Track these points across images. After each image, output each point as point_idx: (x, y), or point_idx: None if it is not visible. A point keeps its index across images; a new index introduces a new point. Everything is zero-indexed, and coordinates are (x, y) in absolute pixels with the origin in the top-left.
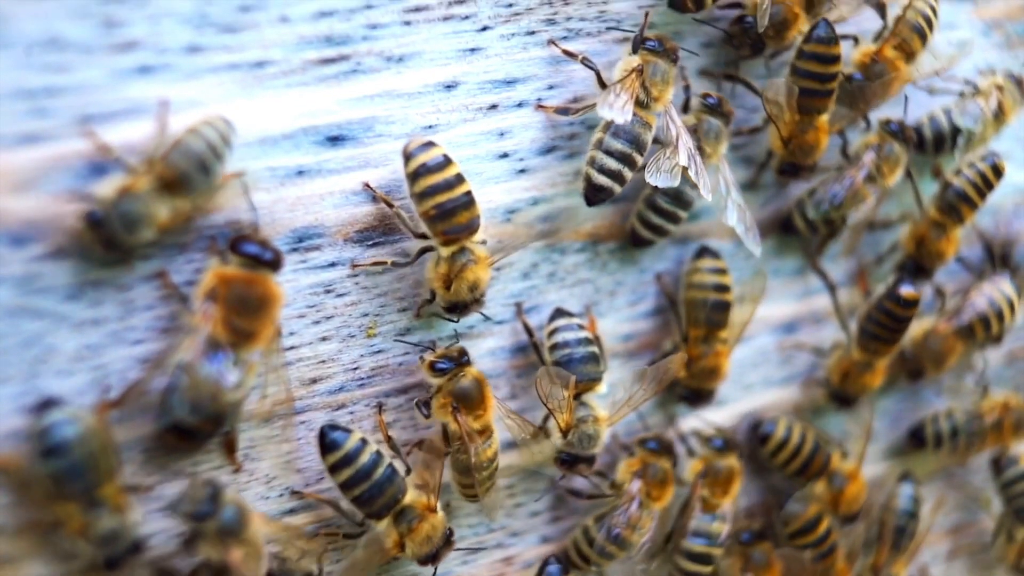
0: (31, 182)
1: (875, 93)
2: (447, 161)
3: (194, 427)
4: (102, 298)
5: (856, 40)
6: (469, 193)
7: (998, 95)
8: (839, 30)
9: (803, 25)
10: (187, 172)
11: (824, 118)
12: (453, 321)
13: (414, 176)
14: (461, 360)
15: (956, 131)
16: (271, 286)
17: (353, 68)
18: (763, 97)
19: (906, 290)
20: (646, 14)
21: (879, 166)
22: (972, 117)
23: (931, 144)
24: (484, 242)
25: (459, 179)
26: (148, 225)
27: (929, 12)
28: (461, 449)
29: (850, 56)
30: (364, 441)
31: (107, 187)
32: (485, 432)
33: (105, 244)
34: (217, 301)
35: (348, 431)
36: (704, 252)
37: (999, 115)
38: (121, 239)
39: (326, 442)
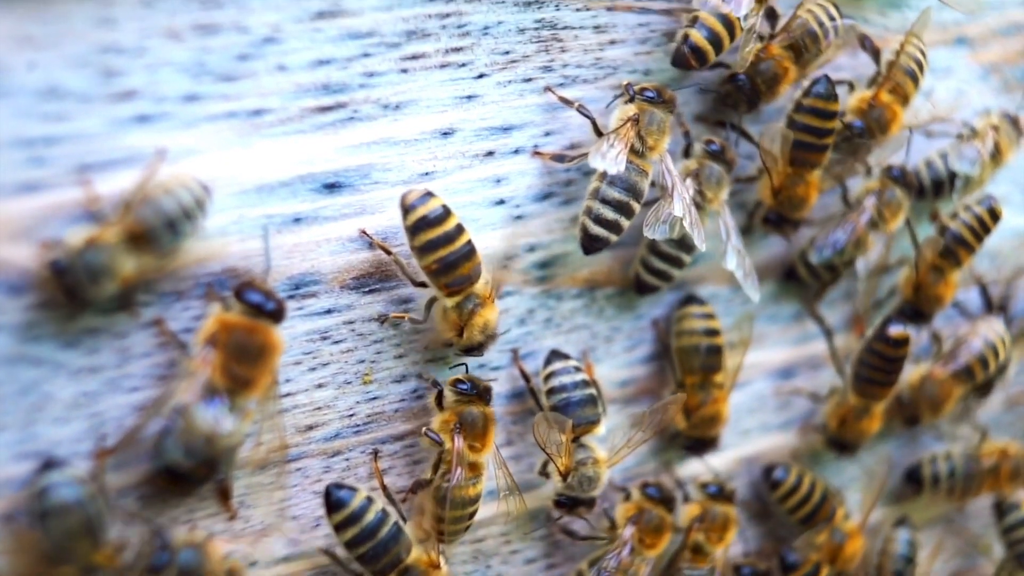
0: (29, 231)
1: (875, 137)
2: (446, 213)
3: (188, 471)
4: (99, 346)
5: (851, 86)
6: (470, 242)
7: (994, 136)
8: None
9: (793, 78)
10: (155, 229)
11: (816, 174)
12: (475, 356)
13: (413, 230)
14: (483, 394)
15: (954, 175)
16: (272, 336)
17: (350, 116)
18: (759, 145)
19: (895, 330)
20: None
21: (881, 211)
22: (969, 161)
23: (930, 190)
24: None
25: (459, 230)
26: (111, 278)
27: (919, 56)
28: (445, 474)
29: (847, 103)
30: (370, 499)
31: (75, 236)
32: (476, 469)
33: (67, 293)
34: (217, 347)
35: (353, 489)
36: (690, 299)
37: (996, 156)
38: (83, 290)
39: (332, 501)
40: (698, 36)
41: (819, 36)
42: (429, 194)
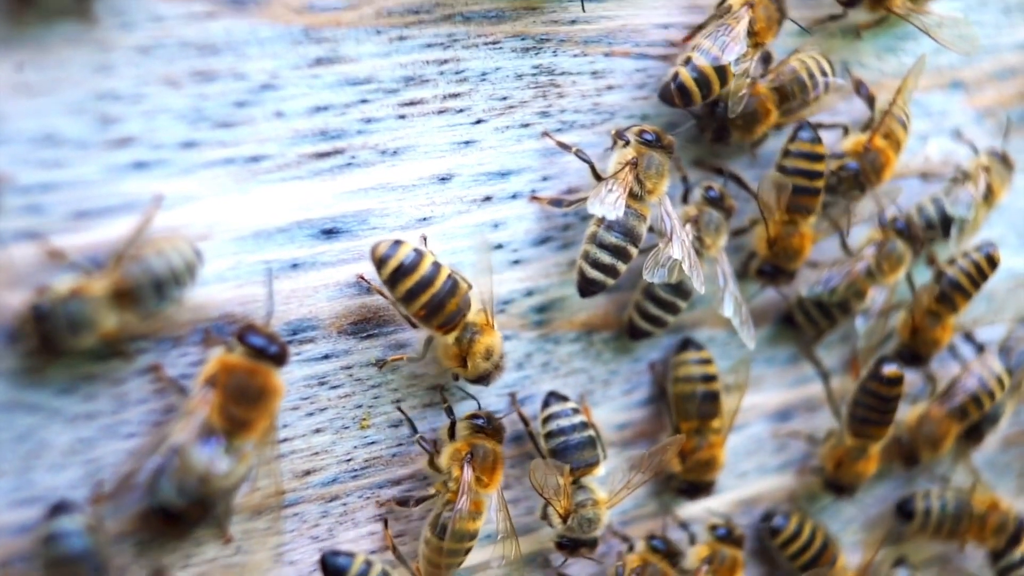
0: (26, 278)
1: (870, 181)
2: (419, 256)
3: (182, 511)
4: (96, 392)
5: (846, 130)
6: (451, 277)
7: (986, 177)
8: (831, 119)
9: (773, 121)
10: (142, 289)
11: (811, 222)
12: (474, 396)
13: (392, 280)
14: (496, 431)
15: (948, 220)
16: (272, 379)
17: (348, 161)
18: (756, 194)
19: (889, 369)
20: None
21: (879, 262)
22: (964, 205)
23: (923, 235)
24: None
25: (436, 269)
26: (91, 331)
27: (905, 117)
28: (448, 503)
29: (842, 146)
30: (368, 563)
31: (62, 283)
32: (478, 505)
33: (44, 340)
34: (216, 387)
35: (351, 555)
36: (687, 344)
37: (989, 196)
38: (61, 338)
39: (330, 570)
40: (686, 75)
41: (807, 87)
42: (398, 242)
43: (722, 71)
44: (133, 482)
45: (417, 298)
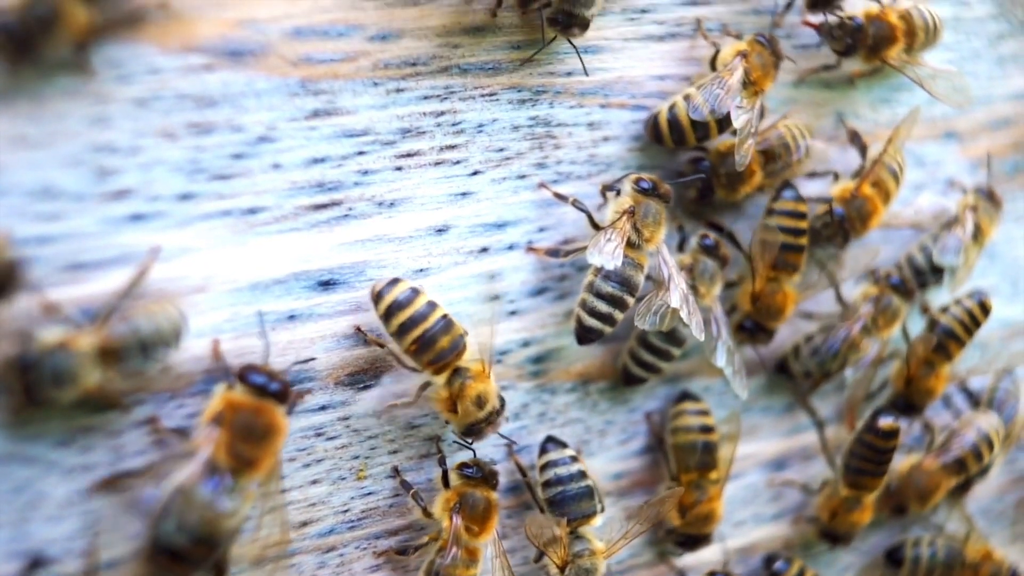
0: (24, 328)
1: (854, 228)
2: (415, 293)
3: (184, 551)
4: (93, 444)
5: (836, 176)
6: (445, 317)
7: (973, 217)
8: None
9: (757, 182)
10: (127, 348)
11: (795, 281)
12: (469, 446)
13: (386, 315)
14: (489, 479)
15: (939, 269)
16: (277, 417)
17: (345, 213)
18: (746, 250)
19: (884, 421)
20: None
21: (876, 319)
22: (952, 251)
23: (914, 284)
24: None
25: (431, 307)
26: (74, 385)
27: (897, 168)
28: (441, 550)
29: (830, 191)
30: None
31: (49, 335)
32: (472, 554)
33: (27, 391)
34: (222, 425)
35: None
36: (685, 396)
37: (978, 236)
38: (44, 390)
39: None
40: (664, 113)
41: (791, 149)
42: (396, 280)
43: (703, 123)
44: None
45: (409, 332)
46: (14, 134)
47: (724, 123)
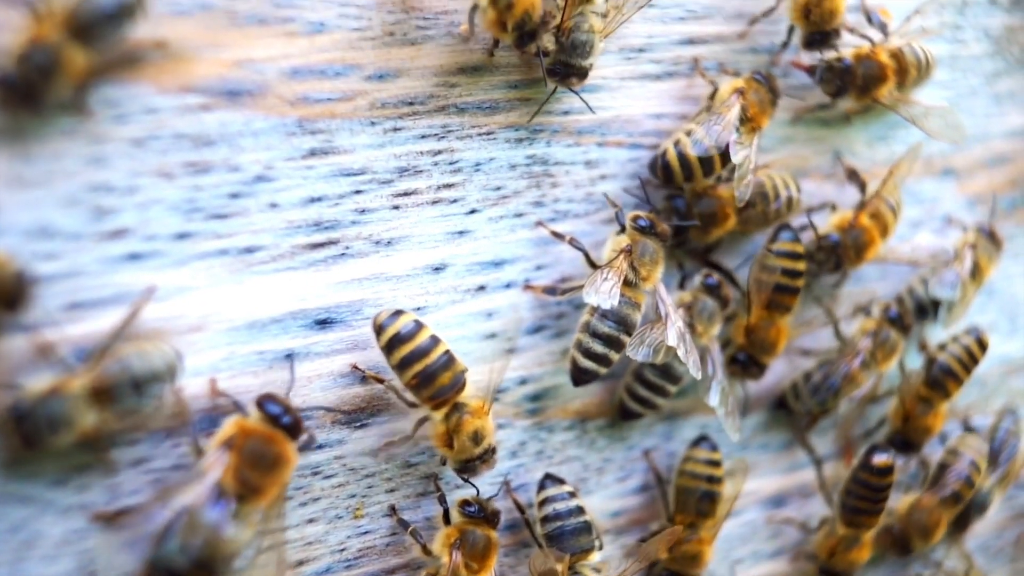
0: (20, 370)
1: (848, 257)
2: (418, 327)
3: (182, 570)
4: (88, 483)
5: (833, 207)
6: (447, 352)
7: (972, 254)
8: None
9: (730, 226)
10: (120, 388)
11: (787, 321)
12: (471, 484)
13: (389, 348)
14: (491, 518)
15: (936, 303)
16: (288, 449)
17: (342, 252)
18: (742, 287)
19: (879, 459)
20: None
21: (874, 353)
22: (949, 285)
23: (914, 318)
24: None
25: (434, 342)
26: (70, 429)
27: (895, 203)
28: None
29: (827, 222)
30: None
31: (39, 382)
32: None
33: (25, 439)
34: (233, 450)
35: None
36: (702, 440)
37: (976, 273)
38: (42, 438)
39: None
40: (671, 151)
41: (769, 199)
42: (399, 312)
43: (708, 159)
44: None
45: (411, 366)
46: (11, 174)
47: (726, 158)
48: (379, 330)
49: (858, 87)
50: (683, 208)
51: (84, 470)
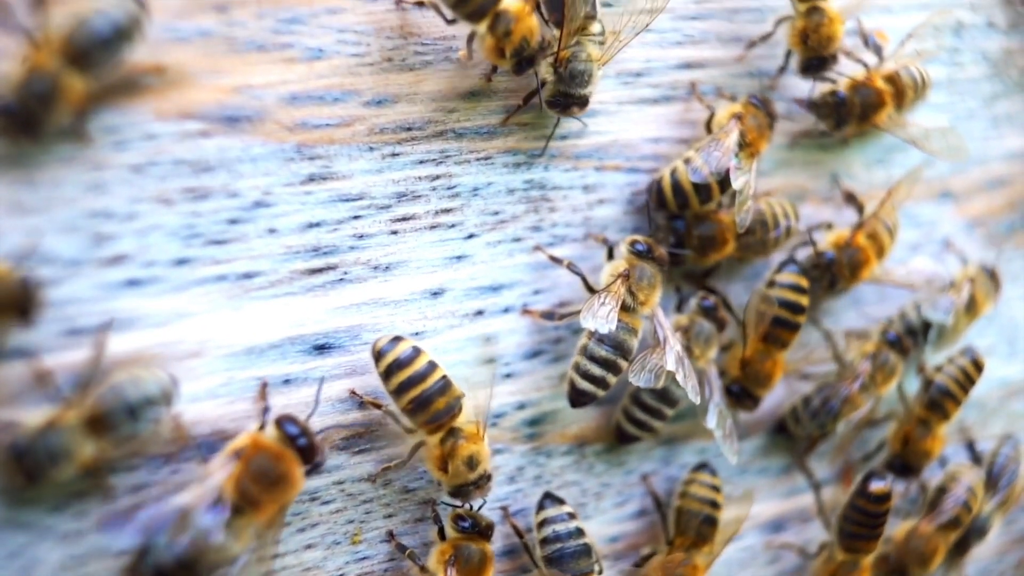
0: (18, 396)
1: (843, 275)
2: (416, 353)
3: (165, 568)
4: (87, 509)
5: (829, 226)
6: (444, 378)
7: (970, 288)
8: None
9: (728, 252)
10: (115, 416)
11: (784, 355)
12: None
13: (387, 373)
14: (484, 531)
15: (928, 325)
16: (295, 470)
17: (340, 277)
18: (739, 316)
19: (876, 486)
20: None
21: (874, 376)
22: (943, 310)
23: (909, 340)
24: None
25: (431, 367)
26: (70, 461)
27: (891, 225)
28: None
29: (824, 240)
30: None
31: (35, 417)
32: None
33: (27, 475)
34: (241, 459)
35: None
36: (704, 466)
37: (972, 307)
38: (43, 472)
39: None
40: (667, 178)
41: (768, 227)
42: (398, 338)
43: (705, 186)
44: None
45: (407, 391)
46: (10, 200)
47: (725, 184)
48: (378, 356)
49: (857, 116)
50: (682, 230)
51: (82, 496)
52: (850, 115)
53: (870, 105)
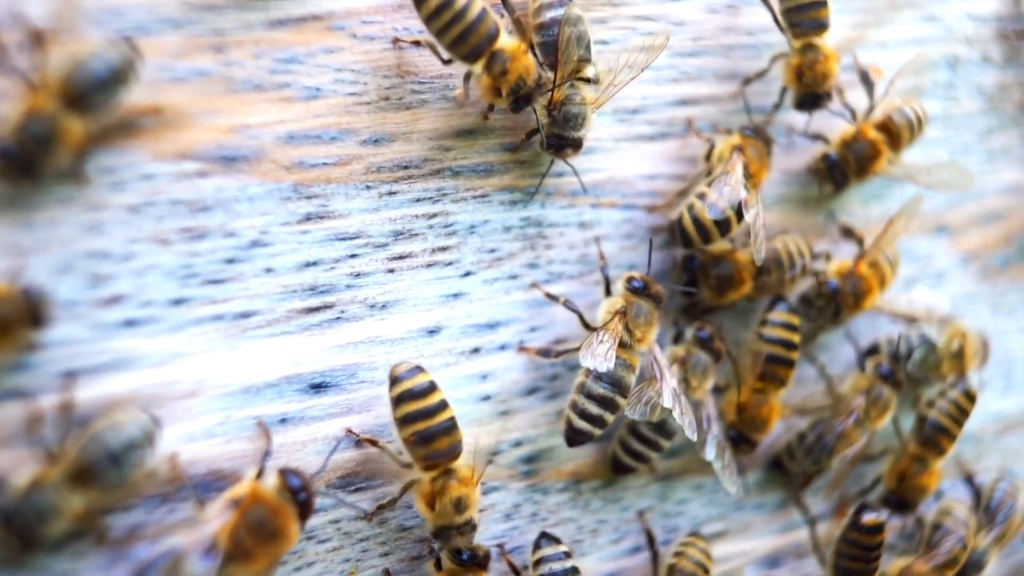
0: (14, 438)
1: (847, 303)
2: (431, 388)
3: None
4: (84, 551)
5: (828, 257)
6: (452, 419)
7: (960, 341)
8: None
9: (745, 291)
10: (98, 466)
11: (781, 394)
12: (445, 543)
13: (397, 401)
14: (482, 561)
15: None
16: (292, 526)
17: (337, 316)
18: (739, 356)
19: (868, 518)
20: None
21: (868, 411)
22: (935, 333)
23: (903, 374)
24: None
25: (442, 405)
26: (60, 517)
27: (892, 256)
28: None
29: (826, 270)
30: None
31: (20, 477)
32: None
33: (20, 539)
34: (239, 509)
35: None
36: (696, 535)
37: (959, 355)
38: (34, 531)
39: None
40: (687, 217)
41: (784, 267)
42: (418, 368)
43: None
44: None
45: (412, 424)
46: (8, 241)
47: (740, 214)
48: (395, 382)
49: (855, 171)
50: (696, 269)
51: (79, 537)
52: (848, 173)
53: (865, 158)
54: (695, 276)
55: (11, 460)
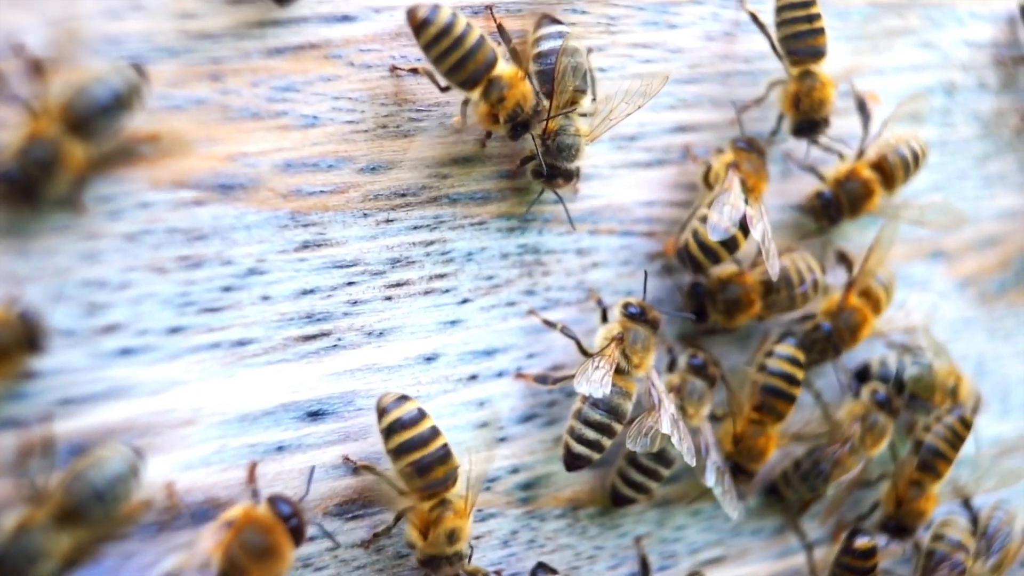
0: (9, 467)
1: (844, 340)
2: (421, 415)
3: None
4: None
5: (825, 290)
6: (445, 446)
7: (955, 381)
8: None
9: (755, 312)
10: (84, 504)
11: (779, 427)
12: (430, 572)
13: (388, 432)
14: None
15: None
16: (286, 548)
17: (334, 344)
18: (733, 390)
19: (860, 542)
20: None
21: (863, 437)
22: (932, 357)
23: (899, 401)
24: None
25: (434, 433)
26: (49, 558)
27: (886, 280)
28: None
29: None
30: None
31: (7, 520)
32: None
33: None
34: (233, 529)
35: None
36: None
37: (953, 393)
38: (25, 573)
39: None
40: (692, 242)
41: (794, 284)
42: (404, 397)
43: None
44: None
45: (407, 455)
46: (4, 270)
47: (745, 230)
48: (382, 413)
49: (848, 210)
50: (702, 296)
51: (74, 563)
52: (841, 211)
53: (858, 197)
54: (702, 303)
55: (5, 491)
